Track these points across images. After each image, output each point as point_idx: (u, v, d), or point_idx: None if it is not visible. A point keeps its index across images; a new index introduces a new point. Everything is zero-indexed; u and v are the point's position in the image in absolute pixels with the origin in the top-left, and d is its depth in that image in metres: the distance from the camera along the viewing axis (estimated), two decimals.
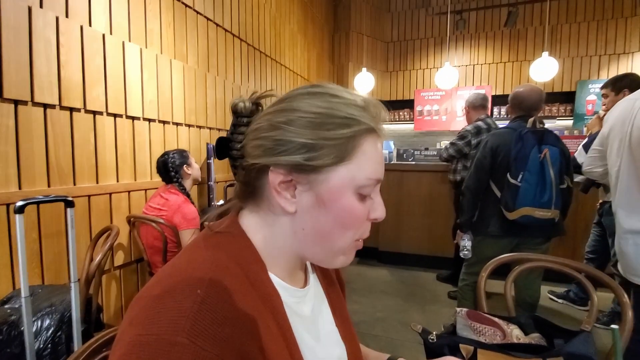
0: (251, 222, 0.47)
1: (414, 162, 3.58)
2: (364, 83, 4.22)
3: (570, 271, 1.08)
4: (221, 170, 2.62)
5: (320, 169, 0.42)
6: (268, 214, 0.46)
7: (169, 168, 1.76)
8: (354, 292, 2.81)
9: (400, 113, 5.25)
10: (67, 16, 1.49)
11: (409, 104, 5.18)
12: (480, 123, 2.58)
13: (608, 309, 2.31)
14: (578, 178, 2.09)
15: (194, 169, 1.85)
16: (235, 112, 0.48)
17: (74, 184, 1.56)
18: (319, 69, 4.57)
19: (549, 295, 2.67)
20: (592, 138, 1.93)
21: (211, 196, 2.34)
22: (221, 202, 2.43)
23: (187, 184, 1.82)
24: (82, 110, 1.58)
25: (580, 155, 1.95)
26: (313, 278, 0.55)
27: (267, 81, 3.27)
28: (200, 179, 1.94)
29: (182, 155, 1.83)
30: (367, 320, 2.37)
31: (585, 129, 2.33)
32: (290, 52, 3.73)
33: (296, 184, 0.43)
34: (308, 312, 0.49)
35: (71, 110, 1.53)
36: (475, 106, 2.62)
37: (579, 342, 0.84)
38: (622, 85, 2.06)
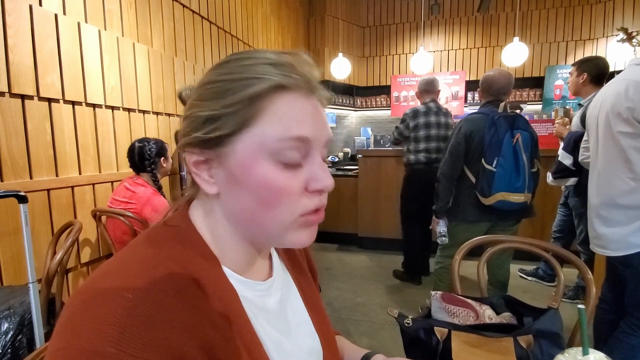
0: (197, 213, 0.43)
1: (391, 148, 3.60)
2: (340, 68, 4.16)
3: (539, 251, 1.11)
4: None
5: (222, 140, 0.38)
6: (206, 202, 0.43)
7: (146, 156, 1.67)
8: (334, 279, 2.83)
9: (377, 99, 5.25)
10: None
11: (385, 90, 5.18)
12: (420, 106, 2.65)
13: (573, 283, 2.45)
14: (571, 181, 2.15)
15: (169, 163, 1.78)
16: (182, 101, 0.45)
17: (31, 178, 1.45)
18: None
19: (519, 273, 2.79)
20: (568, 139, 2.00)
21: (184, 187, 2.25)
22: None
23: (160, 175, 1.74)
24: (36, 98, 1.46)
25: (565, 158, 2.01)
26: (280, 267, 0.52)
27: None
28: (168, 174, 1.87)
29: (162, 147, 1.75)
30: (348, 305, 2.40)
31: (554, 131, 2.41)
32: (264, 36, 3.61)
33: (210, 162, 0.40)
34: (274, 304, 0.46)
35: (23, 97, 1.41)
36: (421, 91, 2.69)
37: (547, 319, 0.88)
38: (583, 68, 2.14)
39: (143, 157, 1.67)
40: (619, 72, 1.35)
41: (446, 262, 2.02)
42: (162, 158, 1.73)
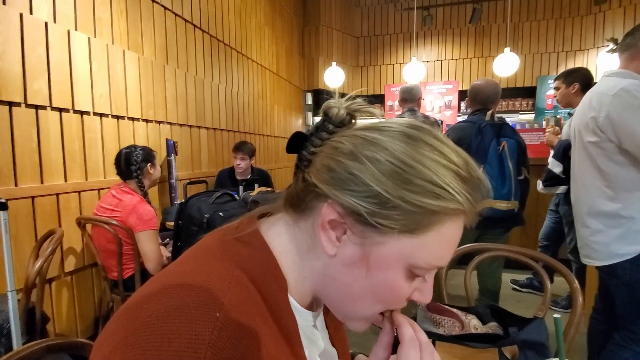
0: (281, 238, 0.42)
1: None
2: (334, 78, 4.19)
3: (527, 259, 1.10)
4: (183, 167, 2.52)
5: (381, 230, 0.35)
6: (305, 240, 0.41)
7: (132, 162, 1.65)
8: None
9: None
10: (4, 3, 1.37)
11: (379, 99, 5.22)
12: (393, 118, 2.66)
13: (567, 292, 2.43)
14: (561, 189, 2.14)
15: (156, 170, 1.76)
16: (326, 114, 0.41)
17: (15, 185, 1.43)
18: (288, 63, 4.50)
19: (512, 284, 2.76)
20: (558, 147, 2.01)
21: (173, 195, 2.23)
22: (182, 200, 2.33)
23: (147, 183, 1.72)
24: (23, 105, 1.45)
25: (554, 166, 2.02)
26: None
27: (233, 74, 3.17)
28: (157, 182, 1.85)
29: (149, 153, 1.73)
30: None
31: (545, 140, 2.44)
32: (258, 45, 3.63)
33: (347, 230, 0.37)
34: (318, 335, 0.46)
35: (10, 104, 1.40)
36: (400, 99, 2.69)
37: (532, 329, 0.86)
38: (572, 78, 2.16)
39: (129, 163, 1.65)
40: None
41: None
42: (149, 164, 1.71)
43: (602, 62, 4.12)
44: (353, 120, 0.42)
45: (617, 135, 1.16)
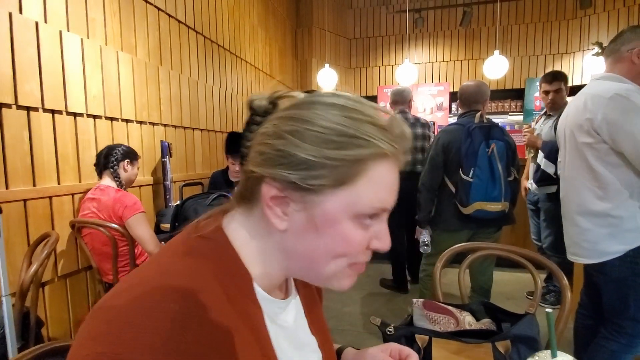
0: (240, 231, 0.43)
1: None
2: (327, 79, 4.22)
3: (517, 257, 1.13)
4: (178, 169, 2.50)
5: (316, 190, 0.38)
6: (260, 225, 0.43)
7: (112, 153, 1.66)
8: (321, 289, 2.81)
9: None
10: None
11: (372, 100, 5.17)
12: None
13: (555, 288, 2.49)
14: (552, 189, 2.18)
15: (132, 170, 1.75)
16: (250, 108, 0.44)
17: (7, 188, 1.41)
18: (281, 64, 4.50)
19: (527, 296, 2.62)
20: (549, 148, 2.06)
21: (168, 197, 2.22)
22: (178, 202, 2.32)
23: (122, 176, 1.71)
24: (14, 106, 1.43)
25: (547, 166, 2.08)
26: (293, 285, 0.54)
27: (227, 76, 3.17)
28: (131, 184, 1.83)
29: (133, 153, 1.72)
30: (336, 315, 2.39)
31: (527, 152, 2.48)
32: (251, 46, 3.63)
33: (290, 202, 0.40)
34: (290, 321, 0.48)
35: (0, 105, 1.38)
36: (391, 101, 2.76)
37: (524, 325, 0.89)
38: (565, 80, 2.25)
39: (109, 154, 1.67)
40: None
41: (430, 270, 2.03)
42: (127, 160, 1.70)
43: (588, 64, 4.23)
44: (277, 108, 0.44)
45: (612, 137, 1.19)
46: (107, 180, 1.66)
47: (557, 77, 2.27)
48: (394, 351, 0.55)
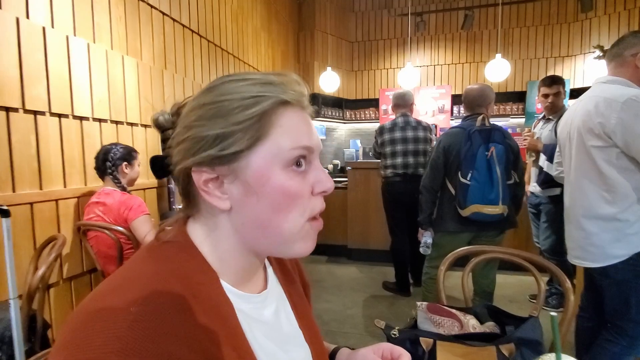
0: (197, 231, 0.45)
1: (379, 160, 3.64)
2: (329, 82, 4.23)
3: (520, 261, 1.14)
4: None
5: (238, 155, 0.40)
6: (209, 219, 0.44)
7: (108, 158, 1.65)
8: (324, 291, 2.82)
9: (366, 112, 5.34)
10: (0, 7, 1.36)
11: (374, 103, 5.27)
12: (386, 123, 2.73)
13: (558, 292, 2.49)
14: (557, 191, 2.20)
15: (133, 171, 1.75)
16: (158, 127, 0.47)
17: (13, 191, 1.42)
18: (284, 67, 4.52)
19: (530, 299, 2.64)
20: (551, 150, 2.07)
21: (172, 199, 2.24)
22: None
23: (123, 180, 1.71)
24: (21, 110, 1.45)
25: (549, 169, 2.09)
26: (274, 279, 0.54)
27: None
28: (134, 183, 1.83)
29: (129, 153, 1.72)
30: (338, 318, 2.39)
31: (527, 156, 2.49)
32: (254, 49, 3.66)
33: (222, 178, 0.41)
34: (269, 316, 0.48)
35: (7, 110, 1.40)
36: (393, 105, 2.77)
37: (528, 328, 0.89)
38: (562, 84, 2.27)
39: (106, 159, 1.66)
40: None
41: (433, 272, 2.03)
42: (125, 162, 1.70)
43: (589, 67, 4.24)
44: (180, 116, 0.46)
45: (625, 141, 1.19)
46: (110, 183, 1.67)
47: (555, 81, 2.31)
48: (385, 351, 0.55)
